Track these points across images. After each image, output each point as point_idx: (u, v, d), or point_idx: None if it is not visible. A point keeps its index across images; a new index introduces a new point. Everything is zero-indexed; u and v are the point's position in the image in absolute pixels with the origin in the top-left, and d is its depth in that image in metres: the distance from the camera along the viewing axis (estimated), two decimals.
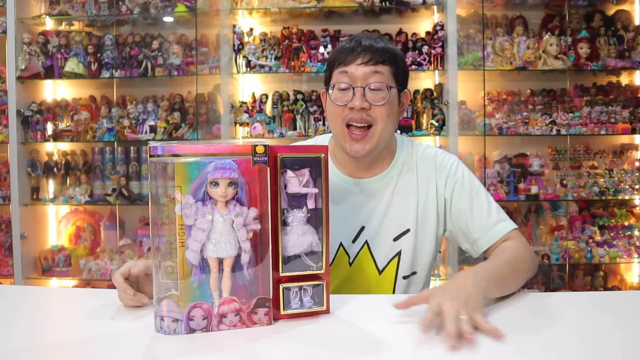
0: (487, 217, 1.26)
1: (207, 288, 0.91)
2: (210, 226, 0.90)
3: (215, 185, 0.90)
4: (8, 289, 1.40)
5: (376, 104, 1.19)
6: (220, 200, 0.90)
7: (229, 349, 0.85)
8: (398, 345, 0.86)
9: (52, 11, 3.05)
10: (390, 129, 1.25)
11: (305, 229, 0.97)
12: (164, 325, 0.90)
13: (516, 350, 0.83)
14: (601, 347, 0.84)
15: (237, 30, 2.97)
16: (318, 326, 0.95)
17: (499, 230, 1.24)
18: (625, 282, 2.98)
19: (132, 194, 3.00)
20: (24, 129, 3.00)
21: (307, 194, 0.97)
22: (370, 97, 1.19)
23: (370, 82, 1.19)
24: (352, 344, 0.87)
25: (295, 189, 0.96)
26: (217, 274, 0.91)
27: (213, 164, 0.90)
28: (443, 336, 0.86)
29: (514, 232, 1.25)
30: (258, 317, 0.94)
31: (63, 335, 0.96)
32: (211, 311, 0.91)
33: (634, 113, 2.89)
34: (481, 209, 1.26)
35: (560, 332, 0.90)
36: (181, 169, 0.89)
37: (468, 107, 2.95)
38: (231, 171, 0.91)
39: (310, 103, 2.98)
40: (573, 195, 2.88)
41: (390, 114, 1.22)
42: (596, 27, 2.93)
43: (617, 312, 1.04)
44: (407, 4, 2.88)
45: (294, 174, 0.96)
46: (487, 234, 1.24)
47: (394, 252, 1.29)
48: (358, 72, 1.20)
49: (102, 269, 2.97)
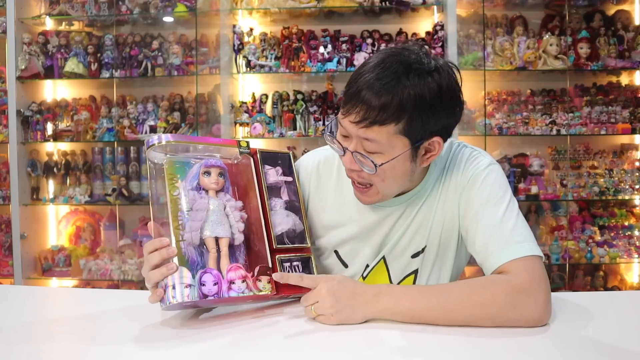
0: (494, 236, 1.02)
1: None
2: (207, 208, 0.99)
3: (208, 174, 1.01)
4: (8, 289, 1.40)
5: (367, 170, 1.04)
6: (212, 189, 1.01)
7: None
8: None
9: (52, 11, 3.05)
10: (395, 187, 1.10)
11: (287, 212, 1.12)
12: (176, 293, 0.89)
13: (516, 350, 0.83)
14: (601, 347, 0.84)
15: (237, 30, 2.97)
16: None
17: (494, 260, 0.99)
18: (625, 282, 2.98)
19: (132, 194, 3.00)
20: (24, 129, 3.00)
21: (281, 187, 1.13)
22: (361, 160, 1.03)
23: (363, 145, 1.02)
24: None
25: (274, 179, 1.13)
26: (215, 253, 0.97)
27: (203, 162, 1.02)
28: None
29: (520, 262, 0.96)
30: (262, 284, 0.99)
31: (63, 335, 0.96)
32: (220, 277, 0.94)
33: (634, 113, 2.89)
34: (487, 225, 1.03)
35: (560, 332, 0.90)
36: (171, 165, 1.00)
37: (468, 107, 2.95)
38: (220, 164, 1.04)
39: (310, 103, 2.98)
40: (573, 195, 2.88)
41: (387, 179, 1.05)
42: (596, 27, 2.93)
43: (617, 312, 1.04)
44: (407, 4, 2.89)
45: (270, 166, 1.13)
46: (488, 260, 1.01)
47: (411, 269, 1.18)
48: (351, 131, 1.02)
49: (102, 269, 2.97)
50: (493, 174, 1.10)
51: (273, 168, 1.13)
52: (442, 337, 0.88)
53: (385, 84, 0.98)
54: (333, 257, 1.23)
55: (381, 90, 0.98)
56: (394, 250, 1.18)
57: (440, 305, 0.92)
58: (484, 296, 0.92)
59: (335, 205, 1.21)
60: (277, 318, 1.00)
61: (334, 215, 1.21)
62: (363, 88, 0.99)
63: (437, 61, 1.03)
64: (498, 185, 1.08)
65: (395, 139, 1.00)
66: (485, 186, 1.08)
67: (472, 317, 0.91)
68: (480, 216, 1.05)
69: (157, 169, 1.00)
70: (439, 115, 1.02)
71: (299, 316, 0.99)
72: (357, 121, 1.00)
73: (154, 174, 0.99)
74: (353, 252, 1.21)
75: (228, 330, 0.93)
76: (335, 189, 1.22)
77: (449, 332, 0.89)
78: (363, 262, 1.20)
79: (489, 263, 1.00)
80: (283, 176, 1.14)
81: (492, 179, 1.09)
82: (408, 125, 0.99)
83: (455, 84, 1.04)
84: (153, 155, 1.00)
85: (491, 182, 1.08)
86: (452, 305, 0.92)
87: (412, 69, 0.99)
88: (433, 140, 1.04)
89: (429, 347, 0.85)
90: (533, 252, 0.98)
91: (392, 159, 1.02)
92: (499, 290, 0.92)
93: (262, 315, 1.02)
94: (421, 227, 1.16)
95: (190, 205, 0.97)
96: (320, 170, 1.24)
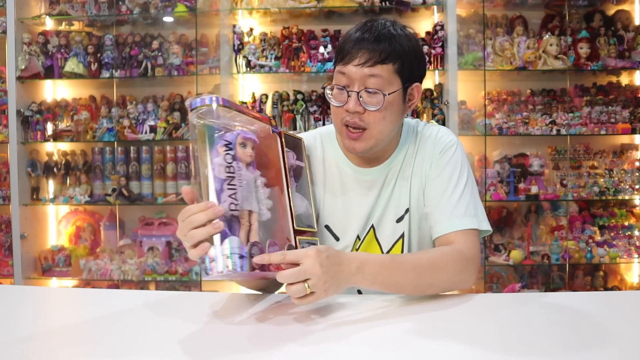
0: (451, 206, 1.20)
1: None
2: (242, 179, 0.96)
3: (244, 146, 0.98)
4: (8, 289, 1.40)
5: (370, 109, 1.17)
6: (247, 161, 0.98)
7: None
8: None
9: (52, 11, 3.05)
10: (388, 130, 1.23)
11: (301, 196, 1.14)
12: (230, 262, 0.88)
13: (516, 350, 0.83)
14: (601, 347, 0.84)
15: (237, 30, 2.97)
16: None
17: (449, 226, 1.19)
18: (625, 282, 2.98)
19: (132, 194, 3.00)
20: (24, 129, 3.00)
21: (295, 170, 1.16)
22: (365, 100, 1.17)
23: (366, 85, 1.17)
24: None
25: (291, 162, 1.15)
26: (247, 226, 0.94)
27: (238, 131, 0.98)
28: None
29: (464, 234, 1.17)
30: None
31: (63, 335, 0.95)
32: (264, 250, 0.94)
33: (634, 113, 2.89)
34: (451, 195, 1.21)
35: (560, 332, 0.90)
36: (209, 130, 0.95)
37: (468, 107, 2.96)
38: (254, 137, 1.00)
39: (310, 103, 2.98)
40: (573, 195, 2.88)
41: (387, 116, 1.19)
42: (596, 27, 2.93)
43: (617, 312, 1.03)
44: (407, 4, 2.89)
45: (289, 150, 1.15)
46: (439, 225, 1.20)
47: (398, 234, 1.28)
48: (355, 75, 1.17)
49: (102, 269, 2.97)
50: (460, 150, 1.28)
51: (291, 151, 1.15)
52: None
53: (379, 33, 1.17)
54: (325, 232, 1.29)
55: (379, 38, 1.17)
56: (381, 218, 1.28)
57: (412, 272, 1.06)
58: (446, 263, 1.11)
59: (321, 180, 1.31)
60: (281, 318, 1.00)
61: (322, 190, 1.30)
62: (361, 39, 1.17)
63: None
64: (464, 162, 1.26)
65: (392, 78, 1.18)
66: (452, 160, 1.25)
67: (437, 282, 1.09)
68: (439, 185, 1.23)
69: (199, 131, 0.95)
70: (419, 62, 1.24)
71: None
72: (362, 63, 1.16)
73: (195, 135, 0.94)
74: (343, 225, 1.28)
75: (230, 330, 0.93)
76: (322, 164, 1.32)
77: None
78: (354, 233, 1.28)
79: (440, 228, 1.20)
80: (297, 161, 1.16)
81: (460, 155, 1.27)
82: (401, 67, 1.18)
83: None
84: (194, 118, 0.95)
85: (459, 157, 1.26)
86: (422, 271, 1.08)
87: (394, 25, 1.21)
88: (415, 85, 1.24)
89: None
90: (474, 225, 1.19)
91: (394, 91, 1.18)
92: (455, 259, 1.12)
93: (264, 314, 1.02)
94: (402, 192, 1.28)
95: (225, 174, 0.93)
96: (307, 149, 1.34)
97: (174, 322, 0.97)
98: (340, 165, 1.31)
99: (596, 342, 0.86)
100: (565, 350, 0.83)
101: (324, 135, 1.36)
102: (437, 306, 1.05)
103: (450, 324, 0.96)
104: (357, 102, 1.17)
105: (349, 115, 1.19)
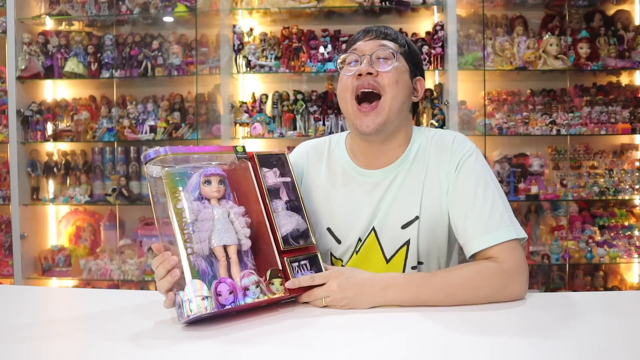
0: (484, 220, 1.13)
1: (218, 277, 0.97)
2: (212, 217, 0.98)
3: (209, 183, 1.02)
4: (8, 289, 1.40)
5: (383, 70, 1.20)
6: (214, 197, 1.02)
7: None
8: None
9: (52, 11, 3.06)
10: (400, 100, 1.21)
11: (290, 213, 1.12)
12: (194, 306, 0.90)
13: (516, 350, 0.83)
14: (601, 347, 0.84)
15: (237, 30, 2.97)
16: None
17: (484, 241, 1.12)
18: (625, 282, 2.98)
19: (132, 194, 3.00)
20: (24, 129, 3.00)
21: (280, 189, 1.13)
22: (377, 63, 1.21)
23: (377, 54, 1.21)
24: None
25: (272, 181, 1.12)
26: (225, 262, 0.97)
27: (202, 171, 1.02)
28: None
29: (502, 247, 1.10)
30: (275, 287, 1.01)
31: (63, 335, 0.95)
32: (235, 285, 0.95)
33: (634, 113, 2.89)
34: (482, 208, 1.14)
35: (560, 332, 0.90)
36: (171, 177, 1.00)
37: (468, 107, 2.96)
38: (219, 171, 1.04)
39: (310, 103, 2.98)
40: (573, 195, 2.88)
41: (399, 81, 1.21)
42: (596, 27, 2.93)
43: (617, 312, 1.04)
44: (407, 4, 2.89)
45: (268, 169, 1.13)
46: (474, 241, 1.13)
47: (403, 240, 1.23)
48: (365, 46, 1.23)
49: (102, 269, 2.97)
50: (480, 157, 1.23)
51: (270, 170, 1.14)
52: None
53: (384, 26, 1.27)
54: (327, 235, 1.29)
55: (384, 28, 1.27)
56: (384, 222, 1.25)
57: (442, 292, 1.04)
58: (481, 281, 1.05)
59: (325, 183, 1.31)
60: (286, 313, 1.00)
61: (324, 194, 1.30)
62: (368, 29, 1.26)
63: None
64: (487, 169, 1.21)
65: (400, 57, 1.23)
66: (476, 169, 1.20)
67: (471, 299, 1.05)
68: (475, 196, 1.16)
69: (157, 183, 1.00)
70: (419, 61, 1.30)
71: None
72: (373, 37, 1.24)
73: (154, 187, 1.00)
74: (345, 228, 1.27)
75: (230, 328, 0.93)
76: (327, 167, 1.33)
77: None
78: (355, 236, 1.27)
79: (475, 244, 1.13)
80: (281, 177, 1.15)
81: (481, 162, 1.21)
82: (407, 52, 1.25)
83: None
84: (151, 170, 1.00)
85: (480, 164, 1.21)
86: (453, 291, 1.05)
87: (391, 27, 1.29)
88: (419, 78, 1.28)
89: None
90: (512, 236, 1.11)
91: (403, 63, 1.23)
92: (493, 276, 1.06)
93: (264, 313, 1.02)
94: (410, 198, 1.24)
95: (195, 216, 0.98)
96: (310, 155, 1.36)
97: (174, 322, 0.97)
98: (345, 167, 1.31)
99: (596, 342, 0.86)
100: (565, 350, 0.83)
101: (334, 139, 1.38)
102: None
103: (453, 318, 0.96)
104: (369, 63, 1.20)
105: (360, 80, 1.20)
